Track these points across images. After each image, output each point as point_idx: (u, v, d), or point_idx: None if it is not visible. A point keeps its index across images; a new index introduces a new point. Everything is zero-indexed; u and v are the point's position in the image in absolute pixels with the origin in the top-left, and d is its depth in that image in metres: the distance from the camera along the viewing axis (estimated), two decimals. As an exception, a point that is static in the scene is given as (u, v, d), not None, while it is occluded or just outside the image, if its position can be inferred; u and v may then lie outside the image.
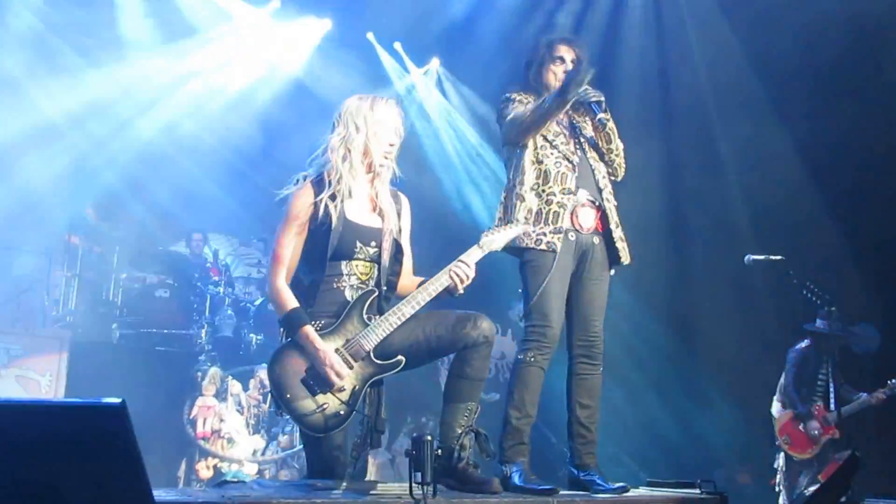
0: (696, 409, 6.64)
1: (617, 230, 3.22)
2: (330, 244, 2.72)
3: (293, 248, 2.78)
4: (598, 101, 3.21)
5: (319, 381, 2.63)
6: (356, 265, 2.79)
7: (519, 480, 2.87)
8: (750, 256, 5.00)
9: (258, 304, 6.37)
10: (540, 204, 3.10)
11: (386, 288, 2.83)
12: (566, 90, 3.05)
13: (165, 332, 5.94)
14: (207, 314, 6.19)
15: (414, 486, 2.23)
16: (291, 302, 2.71)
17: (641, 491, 3.03)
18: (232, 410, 5.64)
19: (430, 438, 2.25)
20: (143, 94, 7.64)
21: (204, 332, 6.09)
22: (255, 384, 5.74)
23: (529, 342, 3.05)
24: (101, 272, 6.46)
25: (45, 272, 6.00)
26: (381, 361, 2.69)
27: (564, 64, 3.29)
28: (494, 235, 2.84)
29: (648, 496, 2.96)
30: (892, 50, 5.36)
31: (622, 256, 3.22)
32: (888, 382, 5.12)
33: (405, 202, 2.98)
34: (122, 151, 7.30)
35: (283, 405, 2.66)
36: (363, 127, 2.82)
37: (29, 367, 5.16)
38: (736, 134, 6.29)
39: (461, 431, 2.64)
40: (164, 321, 5.96)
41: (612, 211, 3.23)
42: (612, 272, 3.26)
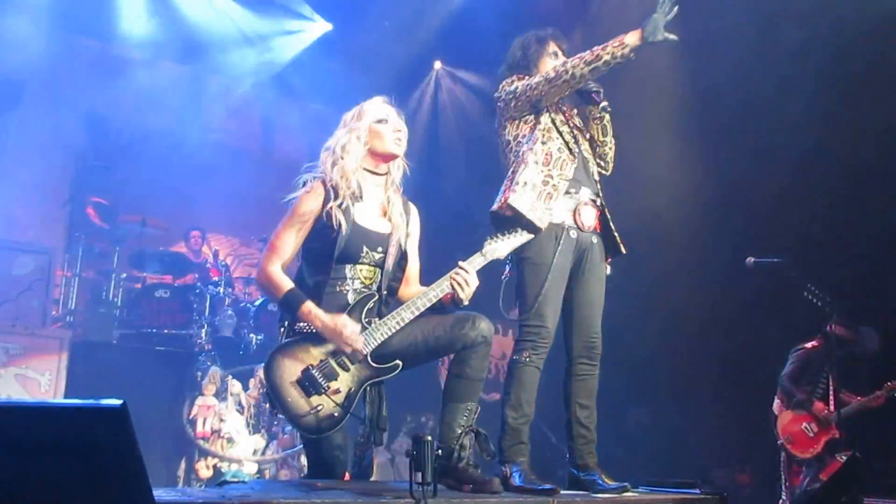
0: (695, 408, 6.64)
1: (611, 225, 3.23)
2: (337, 246, 2.72)
3: (291, 243, 2.78)
4: (598, 90, 3.21)
5: (314, 382, 2.63)
6: (360, 269, 2.80)
7: (519, 480, 2.86)
8: (751, 258, 5.01)
9: (258, 304, 6.38)
10: (536, 180, 3.07)
11: (387, 293, 2.84)
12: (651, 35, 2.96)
13: (165, 331, 5.94)
14: (207, 314, 6.20)
15: (414, 485, 2.23)
16: (286, 283, 2.71)
17: (641, 491, 3.03)
18: (232, 410, 5.64)
19: (430, 438, 2.24)
20: (143, 94, 7.66)
21: (204, 331, 6.09)
22: (255, 384, 5.74)
23: (525, 342, 3.04)
24: (101, 272, 6.47)
25: (45, 272, 6.00)
26: (377, 365, 2.69)
27: (558, 59, 3.27)
28: (498, 243, 2.82)
29: (648, 496, 2.96)
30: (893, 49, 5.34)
31: (619, 247, 3.24)
32: (885, 385, 5.15)
33: (414, 211, 2.99)
34: (122, 151, 7.31)
35: (278, 405, 2.66)
36: (357, 127, 2.84)
37: (29, 366, 5.15)
38: (736, 134, 6.27)
39: (461, 431, 2.64)
40: (164, 321, 5.96)
41: (607, 209, 3.24)
42: (608, 270, 3.26)
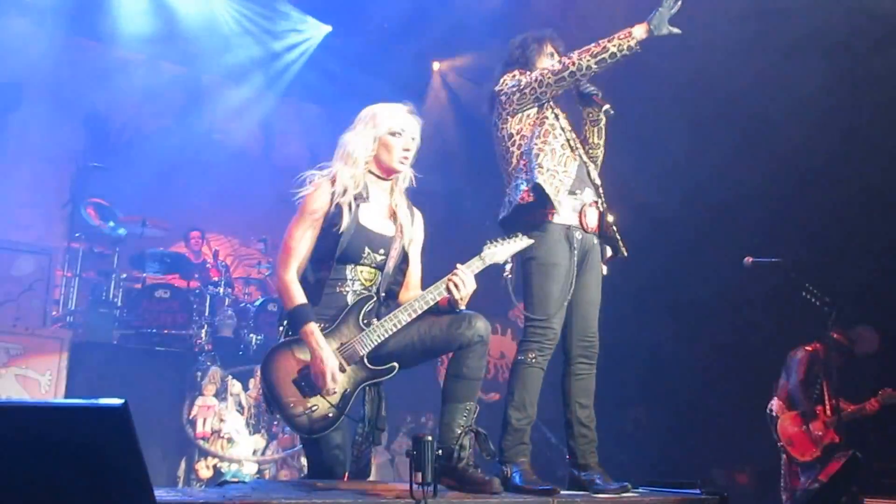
0: (695, 408, 6.64)
1: (612, 228, 3.24)
2: (339, 246, 2.73)
3: (305, 242, 2.77)
4: (597, 93, 3.20)
5: (310, 382, 2.63)
6: (361, 270, 2.80)
7: (519, 480, 2.86)
8: (749, 258, 5.01)
9: (258, 304, 6.38)
10: (551, 167, 3.04)
11: (385, 295, 2.84)
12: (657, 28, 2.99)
13: (165, 332, 5.93)
14: (207, 314, 6.20)
15: (414, 486, 2.23)
16: (300, 297, 2.70)
17: (642, 491, 3.03)
18: (232, 410, 5.65)
19: (430, 438, 2.25)
20: (143, 94, 7.66)
21: (204, 332, 6.09)
22: (255, 384, 5.74)
23: (531, 343, 3.04)
24: (101, 272, 6.47)
25: (45, 272, 5.99)
26: (374, 367, 2.69)
27: (554, 59, 3.26)
28: (497, 247, 2.82)
29: (649, 497, 2.96)
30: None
31: (621, 249, 3.25)
32: (880, 392, 5.18)
33: (419, 217, 2.99)
34: (122, 152, 7.31)
35: (273, 404, 2.66)
36: (371, 132, 2.83)
37: (29, 366, 5.15)
38: (736, 134, 6.27)
39: (460, 431, 2.63)
40: (164, 321, 5.95)
41: (607, 211, 3.24)
42: (605, 271, 3.27)
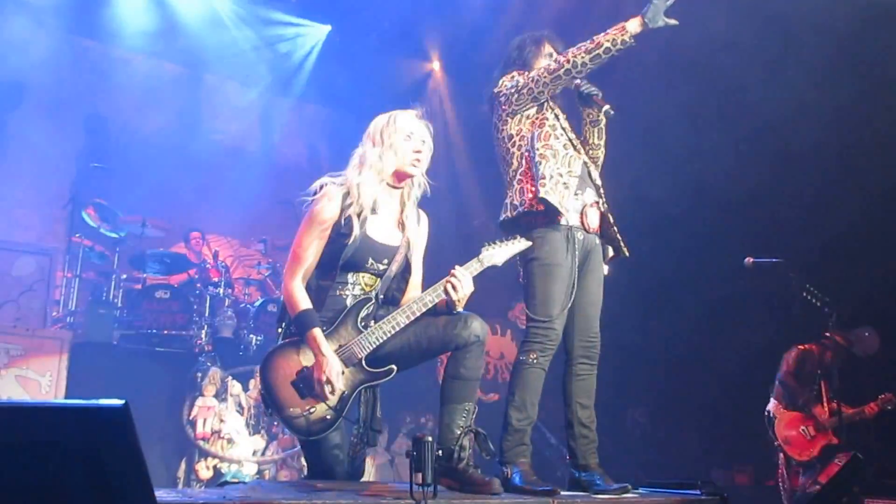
0: (695, 409, 6.64)
1: (613, 228, 3.24)
2: (343, 256, 2.74)
3: (313, 251, 2.78)
4: (598, 93, 3.18)
5: (309, 385, 2.64)
6: (363, 276, 2.82)
7: (519, 481, 2.86)
8: (750, 259, 5.01)
9: (258, 304, 6.38)
10: (555, 174, 3.02)
11: (385, 299, 2.85)
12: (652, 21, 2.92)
13: (165, 332, 5.94)
14: (207, 315, 6.20)
15: (414, 486, 2.23)
16: (305, 302, 2.72)
17: (642, 492, 3.03)
18: (232, 411, 5.65)
19: (430, 439, 2.24)
20: (143, 94, 7.66)
21: (204, 332, 6.10)
22: (255, 384, 5.74)
23: (533, 343, 3.03)
24: (101, 273, 6.47)
25: (46, 273, 6.00)
26: (372, 369, 2.70)
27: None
28: (495, 250, 2.82)
29: (649, 497, 2.95)
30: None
31: (623, 250, 3.25)
32: (879, 397, 5.18)
33: (424, 220, 2.99)
34: (122, 153, 7.31)
35: (272, 405, 2.67)
36: (382, 141, 2.83)
37: (29, 367, 5.16)
38: (737, 134, 6.27)
39: (460, 432, 2.63)
40: (164, 322, 5.96)
41: (608, 211, 3.24)
42: (606, 271, 3.27)
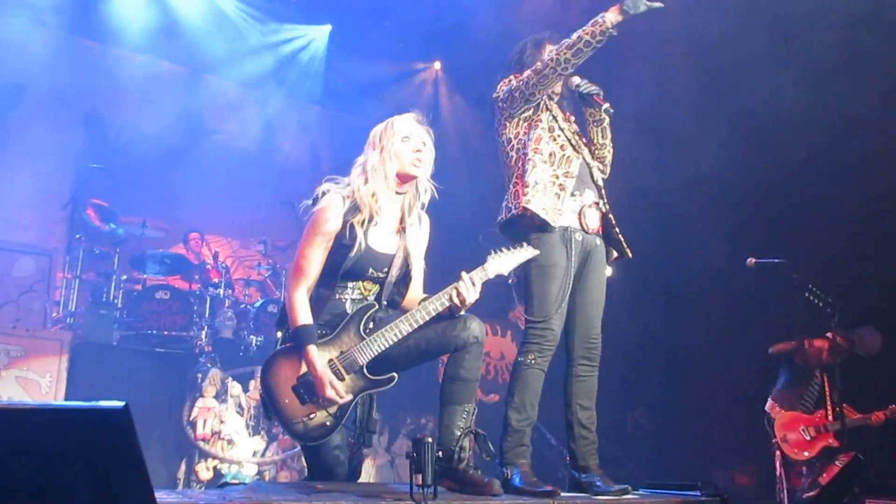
0: (695, 409, 6.63)
1: (615, 229, 3.24)
2: (344, 266, 2.74)
3: (317, 262, 2.76)
4: (598, 92, 3.21)
5: (309, 390, 2.64)
6: (363, 283, 2.82)
7: (519, 482, 2.86)
8: (752, 259, 5.00)
9: (258, 305, 6.38)
10: (545, 179, 3.05)
11: (387, 303, 2.85)
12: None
13: (166, 333, 5.94)
14: (207, 316, 6.20)
15: (414, 488, 2.23)
16: (304, 317, 2.70)
17: (642, 493, 3.02)
18: (232, 412, 5.64)
19: (430, 440, 2.24)
20: (143, 94, 7.66)
21: (204, 333, 6.10)
22: (255, 385, 5.74)
23: (531, 344, 3.04)
24: (101, 273, 6.47)
25: (46, 273, 6.00)
26: (373, 377, 2.70)
27: None
28: (501, 258, 2.79)
29: (649, 499, 2.95)
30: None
31: (626, 251, 3.25)
32: (889, 407, 5.14)
33: (426, 222, 2.98)
34: (122, 153, 7.31)
35: (272, 410, 2.67)
36: (383, 146, 2.82)
37: (29, 367, 5.16)
38: (737, 134, 6.26)
39: (460, 433, 2.63)
40: (164, 323, 5.96)
41: (610, 212, 3.24)
42: (609, 272, 3.27)
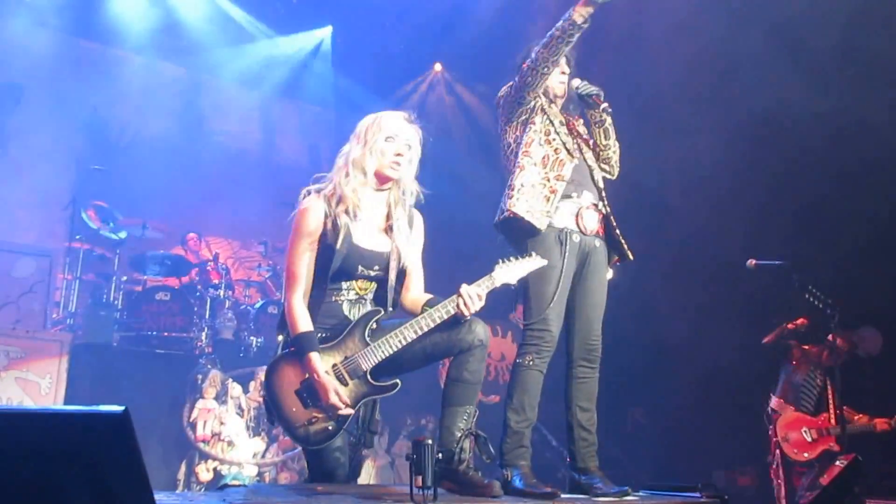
0: (696, 410, 6.63)
1: (616, 231, 3.25)
2: (332, 267, 2.72)
3: (307, 263, 2.75)
4: (598, 93, 3.22)
5: (312, 394, 2.63)
6: (356, 283, 2.81)
7: (519, 484, 2.86)
8: (752, 260, 4.99)
9: (258, 306, 6.38)
10: (534, 181, 3.08)
11: (391, 308, 2.85)
12: None
13: (166, 334, 5.94)
14: (208, 317, 6.20)
15: (414, 489, 2.23)
16: (304, 324, 2.69)
17: (642, 494, 3.02)
18: (232, 413, 5.64)
19: (430, 441, 2.24)
20: (143, 95, 7.67)
21: (204, 334, 6.10)
22: (255, 386, 5.74)
23: (529, 346, 3.04)
24: (101, 275, 6.47)
25: (46, 274, 6.00)
26: (376, 383, 2.69)
27: (560, 67, 3.28)
28: (509, 267, 2.78)
29: (649, 500, 2.95)
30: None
31: (627, 253, 3.26)
32: (895, 417, 5.11)
33: (418, 220, 2.95)
34: (122, 154, 7.32)
35: (275, 414, 2.67)
36: (366, 141, 2.80)
37: (29, 368, 5.16)
38: (738, 133, 6.26)
39: (461, 435, 2.63)
40: (164, 324, 5.96)
41: (611, 214, 3.24)
42: (610, 274, 3.27)
